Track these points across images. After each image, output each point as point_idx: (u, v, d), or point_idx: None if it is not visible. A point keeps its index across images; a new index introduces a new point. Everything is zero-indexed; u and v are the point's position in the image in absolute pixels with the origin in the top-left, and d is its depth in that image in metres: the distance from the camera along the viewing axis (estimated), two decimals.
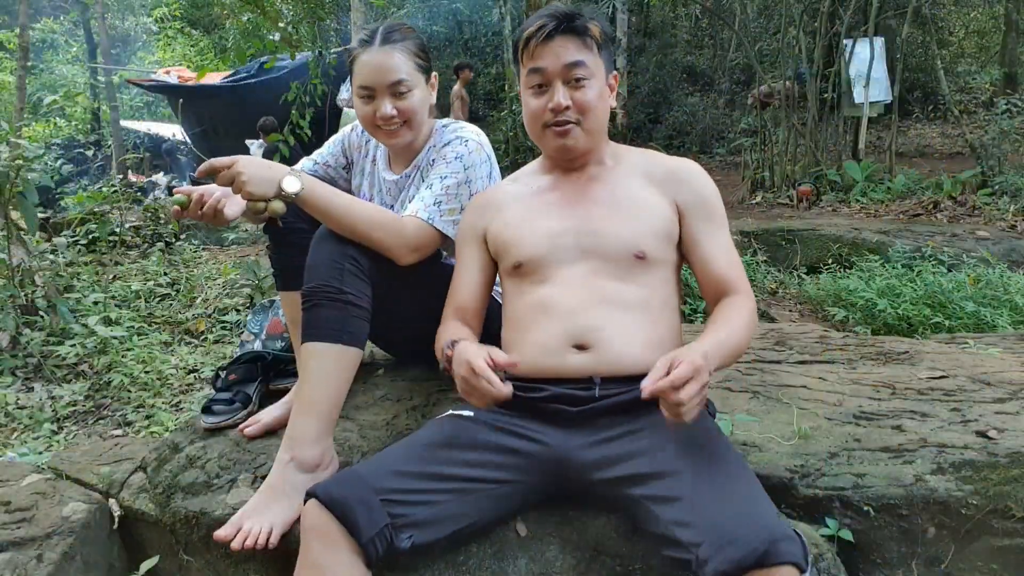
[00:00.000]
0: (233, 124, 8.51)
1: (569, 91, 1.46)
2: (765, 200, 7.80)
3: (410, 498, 1.27)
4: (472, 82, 13.84)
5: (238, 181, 1.50)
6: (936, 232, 5.26)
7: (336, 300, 1.56)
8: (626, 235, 1.45)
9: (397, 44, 1.74)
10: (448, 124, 1.88)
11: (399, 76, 1.73)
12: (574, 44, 1.45)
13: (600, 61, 1.49)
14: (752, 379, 2.08)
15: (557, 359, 1.40)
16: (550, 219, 1.51)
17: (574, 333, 1.40)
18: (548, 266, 1.47)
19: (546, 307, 1.44)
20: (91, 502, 1.77)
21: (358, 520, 1.22)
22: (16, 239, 3.75)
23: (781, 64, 8.73)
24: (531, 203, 1.56)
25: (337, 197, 1.59)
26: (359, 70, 1.76)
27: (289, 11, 7.43)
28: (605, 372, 1.38)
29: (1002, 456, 1.50)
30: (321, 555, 1.23)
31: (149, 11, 19.28)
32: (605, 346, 1.38)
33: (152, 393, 3.32)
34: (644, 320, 1.42)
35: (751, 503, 1.14)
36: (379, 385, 2.00)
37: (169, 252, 5.95)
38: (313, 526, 1.24)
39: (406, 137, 1.80)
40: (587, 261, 1.45)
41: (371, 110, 1.76)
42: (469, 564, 1.36)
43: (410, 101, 1.75)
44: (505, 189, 1.65)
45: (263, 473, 1.65)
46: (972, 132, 7.97)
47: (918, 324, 3.70)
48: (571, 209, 1.51)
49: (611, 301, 1.42)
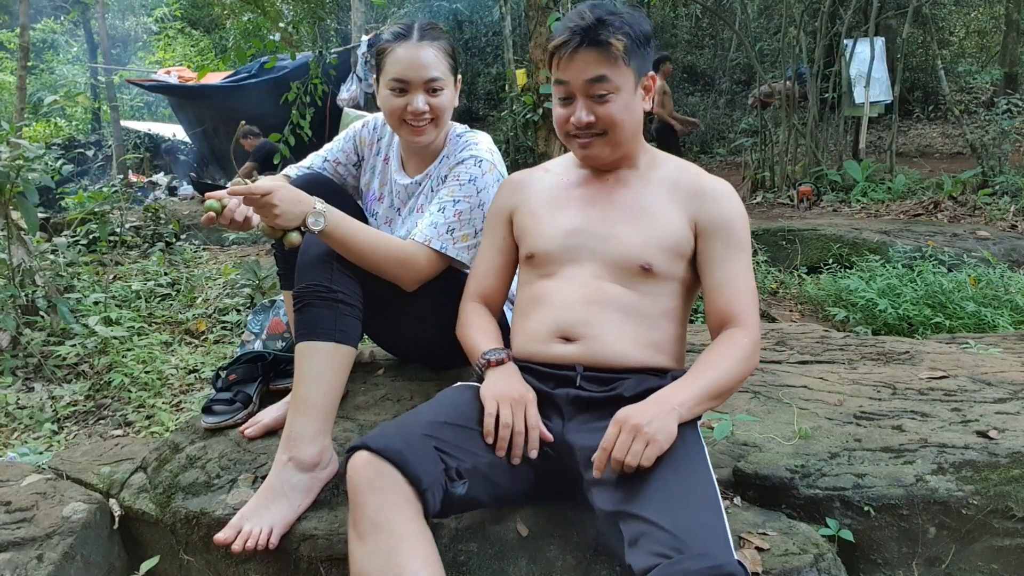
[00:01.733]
0: (233, 124, 8.49)
1: (593, 105, 1.44)
2: (765, 200, 7.79)
3: (455, 450, 1.28)
4: (472, 82, 13.86)
5: (270, 212, 1.51)
6: (937, 232, 5.26)
7: (327, 299, 1.57)
8: (635, 245, 1.45)
9: (436, 42, 1.76)
10: (462, 134, 1.87)
11: (435, 73, 1.74)
12: (597, 58, 1.41)
13: (628, 70, 1.44)
14: (753, 379, 2.08)
15: (542, 347, 1.45)
16: (569, 216, 1.52)
17: (562, 325, 1.44)
18: (557, 262, 1.49)
19: (542, 299, 1.48)
20: (91, 502, 1.77)
21: (417, 467, 1.20)
22: (16, 239, 3.75)
23: (781, 64, 8.72)
24: (557, 196, 1.57)
25: (355, 235, 1.61)
26: (393, 63, 1.75)
27: (289, 11, 7.48)
28: (588, 362, 1.41)
29: (1003, 456, 1.50)
30: (381, 511, 1.18)
31: (149, 11, 19.30)
32: (590, 340, 1.41)
33: (152, 393, 3.32)
34: (638, 323, 1.43)
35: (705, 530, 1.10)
36: (379, 385, 2.00)
37: (169, 252, 5.95)
38: (368, 479, 1.19)
39: (431, 135, 1.80)
40: (594, 263, 1.46)
41: (402, 103, 1.75)
42: (469, 564, 1.36)
43: (441, 99, 1.77)
44: (538, 175, 1.65)
45: (263, 473, 1.65)
46: (973, 132, 7.95)
47: (919, 324, 3.70)
48: (591, 209, 1.52)
49: (607, 302, 1.43)
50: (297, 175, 1.92)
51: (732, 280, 1.44)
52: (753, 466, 1.56)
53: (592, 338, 1.41)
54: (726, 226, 1.47)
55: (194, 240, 6.48)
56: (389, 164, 1.96)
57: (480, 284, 1.64)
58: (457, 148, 1.83)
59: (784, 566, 1.30)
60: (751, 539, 1.37)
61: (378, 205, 1.98)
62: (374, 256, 1.63)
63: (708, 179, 1.53)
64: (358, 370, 2.05)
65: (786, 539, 1.37)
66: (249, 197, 1.51)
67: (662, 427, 1.21)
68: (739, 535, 1.39)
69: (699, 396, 1.30)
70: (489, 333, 1.55)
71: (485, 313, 1.61)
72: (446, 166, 1.83)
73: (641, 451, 1.18)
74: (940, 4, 11.68)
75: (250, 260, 5.09)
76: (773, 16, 12.02)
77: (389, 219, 1.95)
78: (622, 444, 1.20)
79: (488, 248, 1.65)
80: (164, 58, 18.53)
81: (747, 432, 1.72)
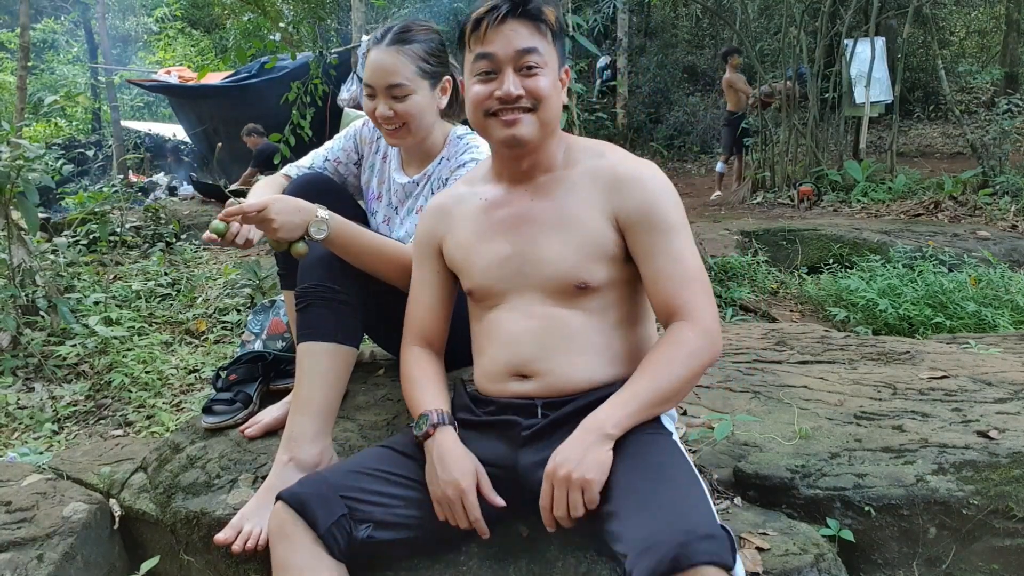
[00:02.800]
0: (233, 124, 8.50)
1: (520, 79, 1.34)
2: (766, 200, 7.79)
3: (367, 497, 1.29)
4: None
5: (268, 227, 1.49)
6: (937, 232, 5.26)
7: (330, 300, 1.57)
8: (566, 264, 1.36)
9: (405, 46, 1.72)
10: (463, 136, 1.85)
11: (396, 80, 1.71)
12: (528, 29, 1.34)
13: (554, 51, 1.37)
14: (753, 379, 2.08)
15: (500, 386, 1.41)
16: (496, 245, 1.43)
17: (515, 364, 1.38)
18: (497, 293, 1.43)
19: (492, 334, 1.43)
20: (92, 502, 1.77)
21: (316, 512, 1.24)
22: (17, 239, 3.75)
23: (782, 64, 8.72)
24: (480, 222, 1.47)
25: (357, 240, 1.60)
26: (365, 67, 1.76)
27: (290, 11, 7.48)
28: (547, 395, 1.37)
29: (1003, 456, 1.50)
30: (285, 553, 1.26)
31: (150, 11, 19.30)
32: (545, 375, 1.36)
33: (153, 393, 3.32)
34: (593, 342, 1.37)
35: (674, 506, 1.11)
36: (380, 385, 2.00)
37: (170, 252, 5.95)
38: (276, 526, 1.27)
39: (406, 139, 1.79)
40: (532, 290, 1.39)
41: (372, 108, 1.77)
42: (470, 564, 1.36)
43: (407, 105, 1.72)
44: (459, 194, 1.54)
45: (264, 473, 1.65)
46: (973, 132, 7.95)
47: (919, 324, 3.70)
48: (516, 232, 1.42)
49: (555, 330, 1.37)
50: (297, 175, 1.91)
51: (666, 270, 1.33)
52: (753, 466, 1.56)
53: (547, 372, 1.36)
54: (648, 214, 1.34)
55: (194, 240, 6.48)
56: (388, 163, 1.96)
57: (420, 325, 1.54)
58: (458, 151, 1.82)
59: (784, 566, 1.30)
60: (751, 539, 1.37)
61: (377, 204, 1.98)
62: (376, 261, 1.62)
63: (625, 166, 1.39)
64: (358, 370, 2.05)
65: (786, 539, 1.37)
66: (245, 217, 1.49)
67: (593, 463, 1.19)
68: (739, 535, 1.38)
69: (635, 412, 1.24)
70: (430, 387, 1.46)
71: (427, 359, 1.52)
72: (446, 168, 1.82)
73: (580, 500, 1.18)
74: (940, 4, 11.67)
75: (250, 260, 5.09)
76: (773, 16, 12.01)
77: (388, 218, 1.95)
78: (559, 501, 1.20)
79: (421, 285, 1.55)
80: (164, 58, 18.54)
81: (747, 432, 1.72)
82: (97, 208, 5.69)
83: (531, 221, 1.41)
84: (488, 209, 1.47)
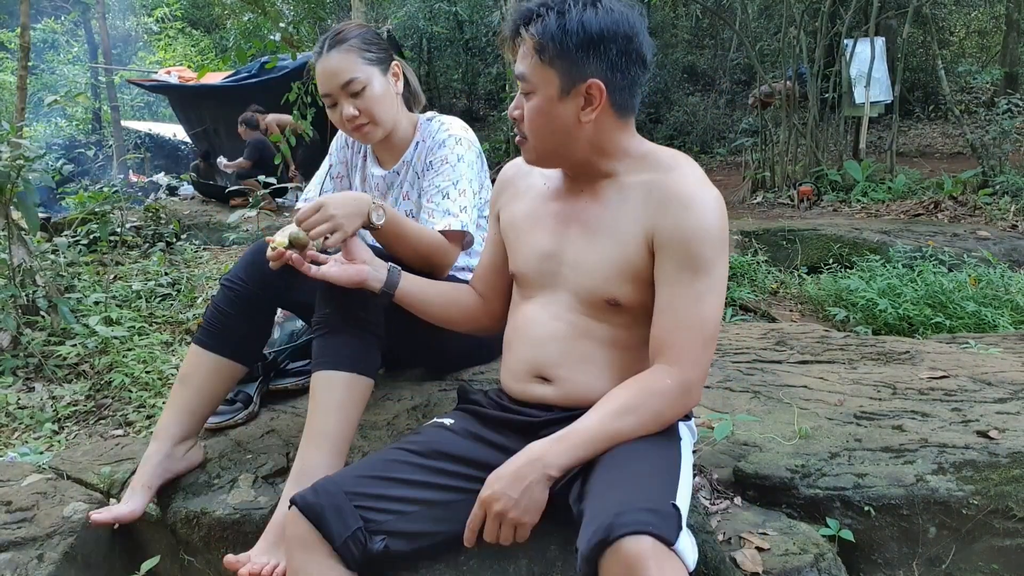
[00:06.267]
0: (233, 124, 8.49)
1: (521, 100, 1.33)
2: (766, 200, 7.80)
3: (382, 505, 1.27)
4: (472, 82, 13.85)
5: (334, 224, 1.46)
6: (937, 232, 5.26)
7: (358, 328, 1.52)
8: (599, 277, 1.33)
9: (342, 45, 1.76)
10: (432, 118, 1.91)
11: (347, 76, 1.74)
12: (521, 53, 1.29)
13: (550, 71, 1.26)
14: (753, 379, 2.08)
15: (522, 386, 1.41)
16: (543, 236, 1.42)
17: (537, 365, 1.38)
18: (534, 286, 1.43)
19: (520, 331, 1.43)
20: (92, 502, 1.77)
21: (331, 525, 1.23)
22: (17, 239, 3.74)
23: (782, 64, 8.72)
24: (535, 209, 1.46)
25: (404, 222, 1.64)
26: (317, 81, 1.79)
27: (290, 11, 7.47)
28: (565, 404, 1.36)
29: (1003, 456, 1.50)
30: (302, 562, 1.26)
31: (150, 11, 19.30)
32: (566, 382, 1.37)
33: (153, 393, 3.31)
34: (619, 357, 1.36)
35: (631, 486, 1.10)
36: (379, 385, 1.99)
37: (170, 252, 5.95)
38: (293, 534, 1.27)
39: (377, 133, 1.82)
40: (567, 293, 1.38)
41: (338, 115, 1.79)
42: (470, 564, 1.36)
43: (367, 99, 1.76)
44: (529, 169, 1.49)
45: (264, 473, 1.66)
46: (973, 132, 7.95)
47: (919, 324, 3.70)
48: (564, 229, 1.39)
49: (582, 338, 1.36)
50: None
51: (674, 306, 1.25)
52: (753, 466, 1.56)
53: (567, 379, 1.36)
54: (682, 242, 1.25)
55: (194, 240, 6.48)
56: (367, 160, 2.01)
57: (477, 275, 1.62)
58: (432, 132, 1.86)
59: (784, 566, 1.30)
60: (751, 539, 1.37)
61: None
62: (419, 245, 1.65)
63: (680, 185, 1.28)
64: None
65: (786, 539, 1.37)
66: (306, 222, 1.46)
67: (531, 506, 1.19)
68: (739, 535, 1.39)
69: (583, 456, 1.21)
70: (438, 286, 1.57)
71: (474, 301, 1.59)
72: (425, 151, 1.86)
73: (512, 534, 1.21)
74: (940, 4, 11.66)
75: None
76: (773, 16, 12.01)
77: None
78: (490, 531, 1.21)
79: (488, 242, 1.60)
80: (164, 58, 18.55)
81: (747, 432, 1.72)
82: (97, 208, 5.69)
83: (580, 223, 1.38)
84: (547, 198, 1.45)
